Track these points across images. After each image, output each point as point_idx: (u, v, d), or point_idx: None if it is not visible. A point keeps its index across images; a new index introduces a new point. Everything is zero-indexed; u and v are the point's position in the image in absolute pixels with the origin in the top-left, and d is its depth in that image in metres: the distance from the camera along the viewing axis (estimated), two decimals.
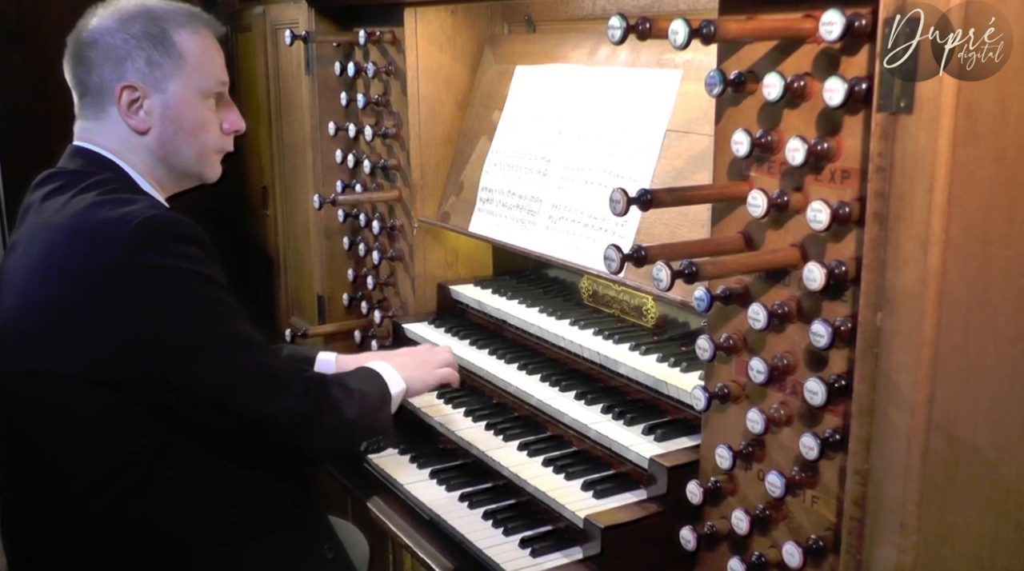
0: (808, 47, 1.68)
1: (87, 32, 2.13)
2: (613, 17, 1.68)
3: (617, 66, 2.61)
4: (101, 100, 2.13)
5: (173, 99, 2.14)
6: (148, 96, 2.12)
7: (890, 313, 1.56)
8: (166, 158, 2.18)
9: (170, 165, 2.19)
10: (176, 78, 2.13)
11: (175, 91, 2.14)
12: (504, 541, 2.21)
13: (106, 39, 2.10)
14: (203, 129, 2.20)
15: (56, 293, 1.95)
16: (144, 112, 2.12)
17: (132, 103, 2.11)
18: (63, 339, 1.94)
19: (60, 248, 1.97)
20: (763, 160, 1.78)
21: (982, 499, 1.60)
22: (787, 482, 1.80)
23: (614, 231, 2.46)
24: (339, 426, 2.21)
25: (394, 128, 3.13)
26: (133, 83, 2.10)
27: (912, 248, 1.52)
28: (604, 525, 2.04)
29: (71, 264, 1.94)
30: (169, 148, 2.16)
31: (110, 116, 2.13)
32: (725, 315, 1.90)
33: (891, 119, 1.51)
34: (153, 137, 2.14)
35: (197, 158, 2.22)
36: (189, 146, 2.19)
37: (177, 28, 2.14)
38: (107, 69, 2.10)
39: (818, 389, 1.70)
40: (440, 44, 3.09)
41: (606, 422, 2.33)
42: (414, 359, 2.53)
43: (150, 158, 2.16)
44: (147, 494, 2.02)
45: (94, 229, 1.95)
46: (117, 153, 2.14)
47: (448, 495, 2.44)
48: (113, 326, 1.91)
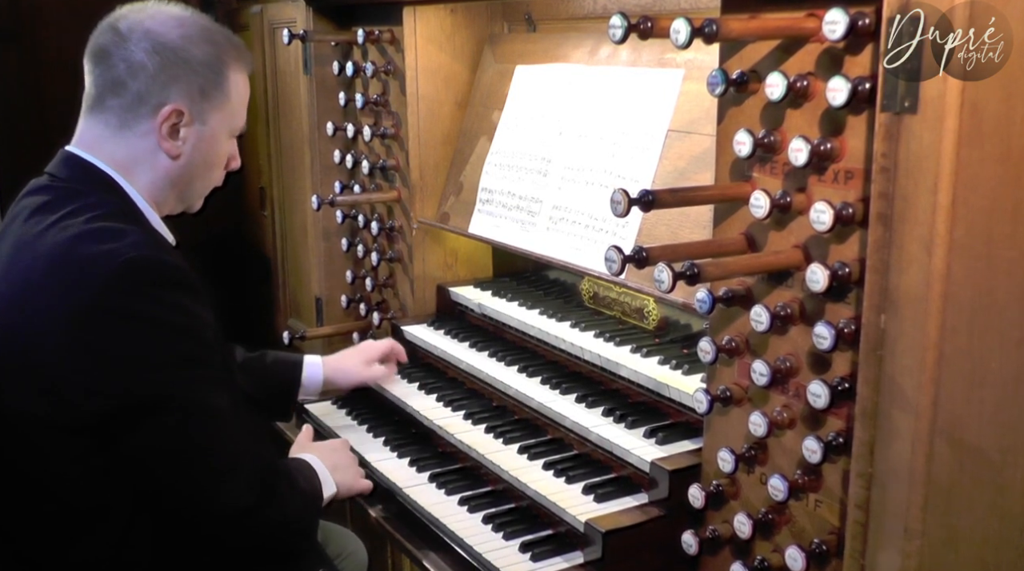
0: (811, 46, 1.67)
1: (143, 33, 2.01)
2: (614, 16, 1.67)
3: (618, 65, 2.60)
4: (137, 110, 2.02)
5: (209, 133, 2.10)
6: (191, 124, 2.06)
7: (894, 315, 1.55)
8: (180, 185, 2.12)
9: (179, 193, 2.14)
10: (218, 113, 2.10)
11: (214, 126, 2.10)
12: (504, 545, 2.20)
13: (167, 53, 2.01)
14: (220, 166, 2.19)
15: (24, 326, 1.87)
16: (181, 139, 2.06)
17: (174, 126, 2.05)
18: (26, 377, 1.86)
19: (36, 277, 1.88)
20: (766, 160, 1.77)
21: (987, 503, 1.59)
22: (790, 486, 1.79)
23: (615, 232, 2.45)
24: (276, 524, 2.11)
25: (393, 128, 3.12)
26: (183, 108, 2.03)
27: (916, 249, 1.51)
28: (605, 529, 2.03)
29: (42, 299, 1.86)
30: (186, 178, 2.12)
31: (139, 129, 2.03)
32: (727, 317, 1.89)
33: (895, 119, 1.50)
34: (180, 164, 2.08)
35: (201, 191, 2.20)
36: (202, 179, 2.16)
37: (233, 64, 2.11)
38: (159, 83, 2.01)
39: (821, 392, 1.69)
40: (439, 43, 3.08)
41: (607, 425, 2.32)
42: (344, 460, 2.48)
43: (164, 182, 2.09)
44: (130, 540, 1.96)
45: (72, 265, 1.86)
46: (122, 168, 2.04)
47: (448, 499, 2.42)
48: (77, 372, 1.83)
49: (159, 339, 1.88)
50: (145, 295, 1.86)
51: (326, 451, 2.49)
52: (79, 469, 1.91)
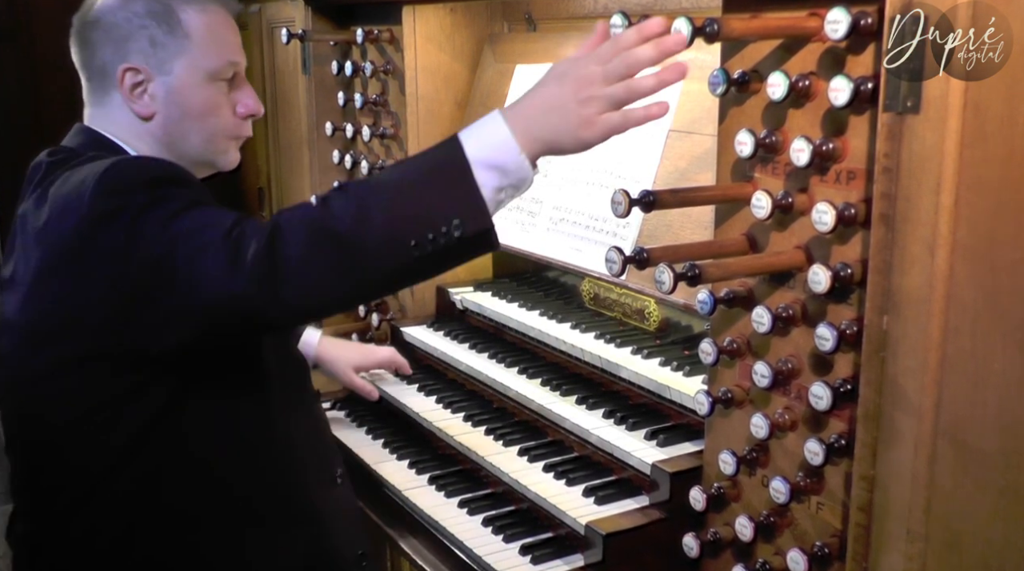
0: (813, 46, 1.66)
1: (91, 12, 2.01)
2: (615, 15, 1.65)
3: None
4: (104, 84, 2.00)
5: (178, 82, 1.99)
6: (152, 79, 1.98)
7: (896, 316, 1.55)
8: (172, 145, 2.03)
9: (178, 152, 2.03)
10: (181, 58, 1.99)
11: (180, 73, 1.99)
12: (504, 548, 2.19)
13: (108, 18, 1.98)
14: (212, 113, 2.04)
15: (43, 274, 1.82)
16: (148, 96, 1.99)
17: (136, 86, 1.98)
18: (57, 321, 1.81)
19: (39, 234, 1.82)
20: (767, 161, 1.77)
21: (990, 506, 1.59)
22: (792, 488, 1.78)
23: (616, 233, 2.44)
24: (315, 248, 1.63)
25: (392, 128, 3.11)
26: (136, 65, 1.97)
27: (919, 250, 1.50)
28: (606, 532, 2.02)
29: (50, 234, 1.79)
30: (175, 134, 2.02)
31: (114, 101, 2.01)
32: (728, 318, 1.88)
33: (897, 119, 1.49)
34: (158, 123, 2.01)
35: (206, 144, 2.06)
36: (197, 132, 2.04)
37: (183, 5, 2.00)
38: (109, 50, 1.98)
39: (823, 394, 1.68)
40: (439, 43, 3.07)
41: (608, 427, 2.31)
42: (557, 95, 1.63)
43: (157, 145, 2.02)
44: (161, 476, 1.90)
45: (60, 199, 1.80)
46: (124, 140, 2.01)
47: (447, 501, 2.42)
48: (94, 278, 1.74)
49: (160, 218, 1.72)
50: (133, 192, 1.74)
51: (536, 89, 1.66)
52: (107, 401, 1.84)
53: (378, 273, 1.66)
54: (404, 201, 1.63)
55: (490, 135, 1.64)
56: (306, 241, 1.63)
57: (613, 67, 1.58)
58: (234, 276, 1.64)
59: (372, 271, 1.64)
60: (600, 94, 1.59)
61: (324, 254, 1.62)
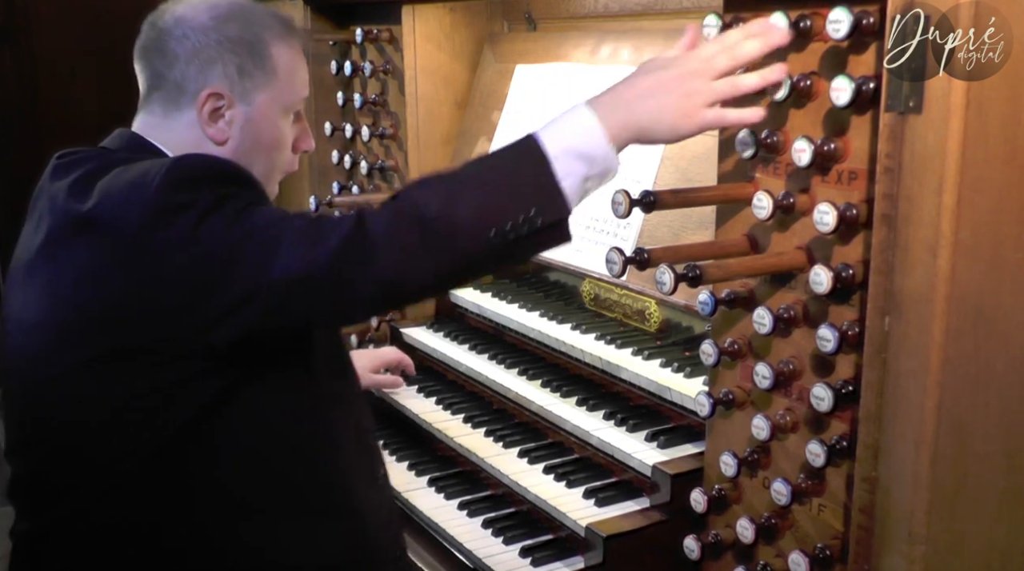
0: (815, 45, 1.65)
1: (177, 24, 1.96)
2: (709, 16, 1.73)
3: (620, 65, 2.59)
4: (178, 99, 1.97)
5: (257, 113, 1.99)
6: (233, 106, 1.97)
7: (898, 317, 1.54)
8: None
9: None
10: (264, 91, 1.99)
11: (261, 105, 1.99)
12: (504, 550, 2.19)
13: (198, 36, 1.95)
14: (279, 147, 2.05)
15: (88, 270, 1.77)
16: (225, 122, 1.97)
17: (215, 111, 1.96)
18: (101, 316, 1.76)
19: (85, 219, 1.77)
20: (768, 161, 1.76)
21: (993, 508, 1.59)
22: (793, 490, 1.77)
23: (616, 233, 2.43)
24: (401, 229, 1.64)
25: (391, 128, 3.11)
26: (220, 90, 1.95)
27: (921, 251, 1.50)
28: (606, 534, 2.01)
29: (101, 226, 1.74)
30: (241, 162, 1.98)
31: (184, 118, 1.97)
32: (729, 319, 1.88)
33: (899, 119, 1.49)
34: (229, 149, 1.98)
35: (265, 176, 2.04)
36: (262, 163, 2.03)
37: (274, 38, 2.00)
38: (193, 69, 1.95)
39: (825, 395, 1.67)
40: (438, 42, 3.06)
41: (608, 429, 2.30)
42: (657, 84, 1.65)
43: None
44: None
45: (120, 190, 1.76)
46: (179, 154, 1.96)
47: (447, 503, 2.41)
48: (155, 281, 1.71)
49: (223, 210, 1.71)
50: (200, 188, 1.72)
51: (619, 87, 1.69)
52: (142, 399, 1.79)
53: (462, 257, 1.67)
54: (486, 189, 1.65)
55: (575, 123, 1.64)
56: (393, 222, 1.64)
57: (720, 62, 1.61)
58: (315, 256, 1.64)
59: (456, 254, 1.66)
60: (705, 87, 1.61)
61: (410, 234, 1.63)
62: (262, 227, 1.70)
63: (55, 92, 2.06)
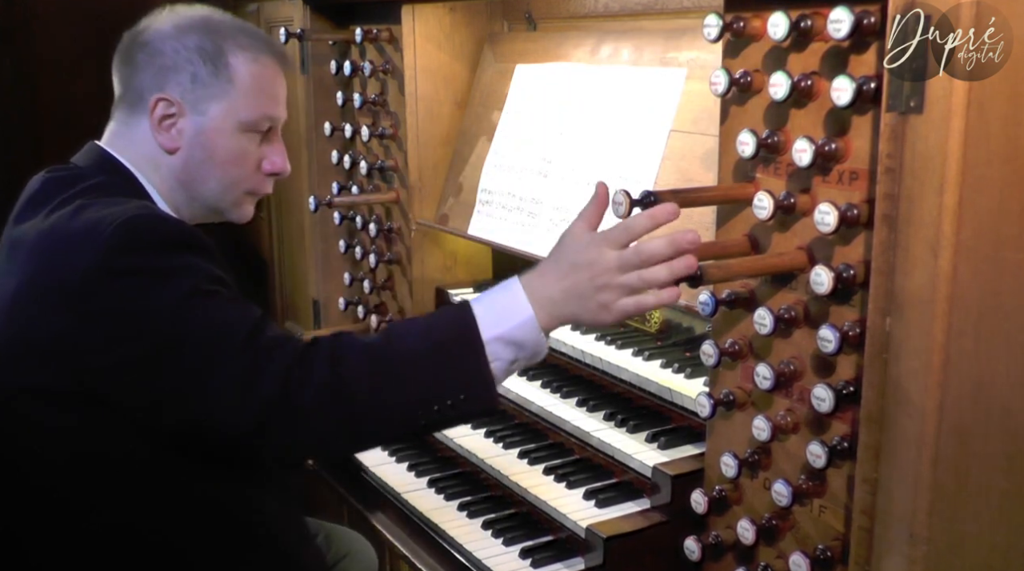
0: (816, 45, 1.65)
1: (143, 33, 1.99)
2: (709, 15, 1.72)
3: (620, 65, 2.58)
4: (136, 107, 1.99)
5: (210, 124, 1.98)
6: (184, 115, 1.97)
7: (899, 318, 1.54)
8: (188, 185, 2.01)
9: (191, 193, 2.02)
10: (219, 102, 1.97)
11: (214, 116, 1.97)
12: (504, 551, 2.19)
13: (157, 44, 1.96)
14: (236, 163, 2.01)
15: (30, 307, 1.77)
16: (176, 130, 1.97)
17: (166, 118, 1.96)
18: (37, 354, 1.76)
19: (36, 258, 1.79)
20: (769, 161, 1.76)
21: (994, 509, 1.58)
22: (794, 491, 1.77)
23: None
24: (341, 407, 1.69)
25: (391, 128, 3.10)
26: (170, 97, 1.95)
27: (922, 251, 1.49)
28: (606, 535, 2.01)
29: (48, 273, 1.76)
30: (194, 175, 2.00)
31: (140, 126, 1.98)
32: (730, 320, 1.87)
33: (900, 119, 1.48)
34: (179, 159, 1.98)
35: (222, 193, 2.04)
36: (216, 179, 2.01)
37: (236, 50, 1.98)
38: (149, 75, 1.96)
39: (826, 396, 1.67)
40: (438, 42, 3.05)
41: (608, 429, 2.30)
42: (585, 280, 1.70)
43: (172, 180, 2.00)
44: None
45: (73, 233, 1.76)
46: (138, 166, 1.99)
47: (447, 504, 2.41)
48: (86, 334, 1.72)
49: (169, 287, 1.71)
50: (150, 253, 1.72)
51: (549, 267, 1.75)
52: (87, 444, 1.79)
53: (385, 435, 1.88)
54: (419, 377, 1.71)
55: (512, 314, 1.72)
56: (323, 400, 1.67)
57: (627, 258, 1.66)
58: (240, 417, 1.68)
59: (381, 433, 1.81)
60: (615, 283, 1.67)
61: (338, 413, 1.68)
62: (204, 328, 1.70)
63: (55, 92, 2.05)
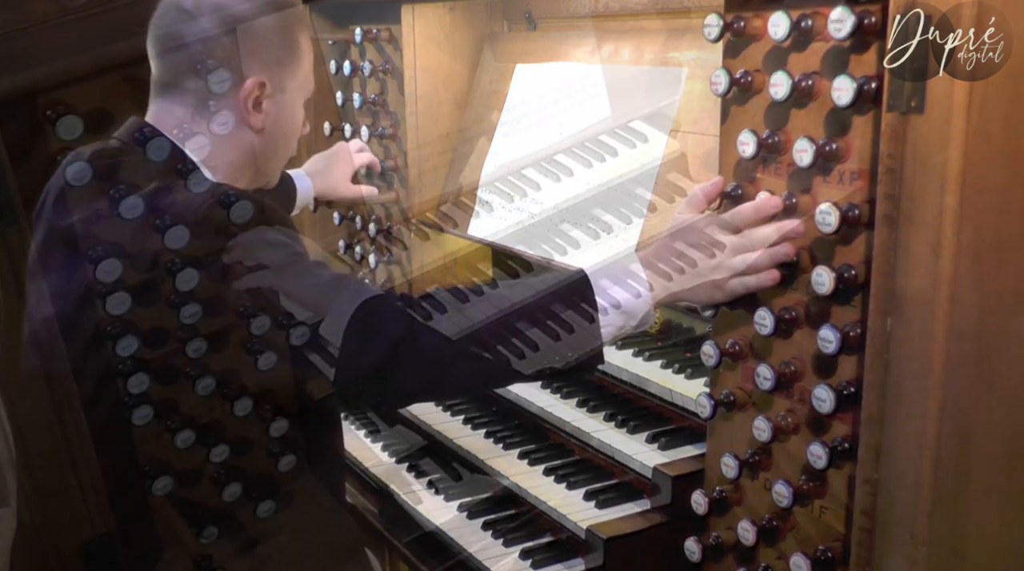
0: (816, 45, 1.64)
1: (208, 7, 1.89)
2: (709, 15, 1.73)
3: (620, 64, 2.58)
4: (219, 88, 1.90)
5: (288, 101, 2.00)
6: (272, 95, 1.95)
7: (900, 318, 1.54)
8: (263, 160, 2.01)
9: (260, 167, 2.02)
10: (293, 80, 2.00)
11: (291, 93, 2.00)
12: (504, 552, 2.18)
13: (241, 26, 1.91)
14: (296, 133, 2.07)
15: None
16: (264, 111, 1.95)
17: (257, 99, 1.93)
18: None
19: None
20: (770, 161, 1.75)
21: (995, 510, 1.58)
22: (795, 492, 1.77)
23: (618, 234, 2.42)
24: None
25: (391, 129, 3.10)
26: (265, 79, 1.92)
27: (923, 251, 1.49)
28: (607, 536, 2.00)
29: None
30: (270, 150, 2.01)
31: (221, 106, 1.92)
32: (731, 320, 1.87)
33: (901, 119, 1.48)
34: (264, 137, 1.97)
35: (280, 162, 2.08)
36: (283, 149, 2.05)
37: (299, 27, 2.01)
38: (237, 57, 1.90)
39: (826, 396, 1.67)
40: (438, 42, 3.05)
41: (609, 430, 2.29)
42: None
43: (247, 158, 1.97)
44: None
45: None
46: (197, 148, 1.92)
47: (446, 505, 2.40)
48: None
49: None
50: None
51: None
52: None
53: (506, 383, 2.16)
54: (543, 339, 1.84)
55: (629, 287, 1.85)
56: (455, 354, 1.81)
57: (740, 242, 1.78)
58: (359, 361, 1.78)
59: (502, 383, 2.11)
60: (727, 264, 1.80)
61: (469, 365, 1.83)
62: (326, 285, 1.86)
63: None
